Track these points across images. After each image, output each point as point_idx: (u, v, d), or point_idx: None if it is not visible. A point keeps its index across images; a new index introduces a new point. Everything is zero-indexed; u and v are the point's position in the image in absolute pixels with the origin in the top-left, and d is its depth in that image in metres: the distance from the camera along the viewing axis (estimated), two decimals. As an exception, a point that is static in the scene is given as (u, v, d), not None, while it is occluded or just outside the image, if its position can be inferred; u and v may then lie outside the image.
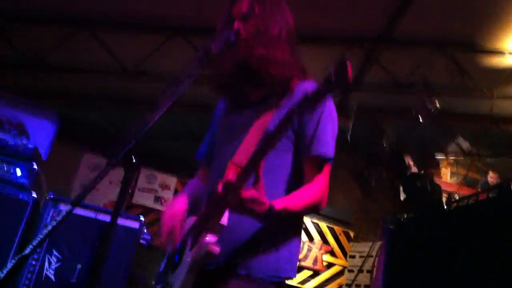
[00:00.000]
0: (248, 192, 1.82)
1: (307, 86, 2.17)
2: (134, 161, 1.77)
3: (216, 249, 1.90)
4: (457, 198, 7.41)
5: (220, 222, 1.90)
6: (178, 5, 6.11)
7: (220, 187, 1.82)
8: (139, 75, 7.09)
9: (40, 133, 5.00)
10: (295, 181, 2.16)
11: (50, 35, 6.67)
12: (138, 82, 7.34)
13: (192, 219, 2.26)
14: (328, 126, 2.18)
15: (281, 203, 1.96)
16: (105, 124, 8.73)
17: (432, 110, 6.83)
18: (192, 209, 2.38)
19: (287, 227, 2.19)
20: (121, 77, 7.18)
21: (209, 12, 2.41)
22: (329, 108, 2.20)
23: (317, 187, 2.12)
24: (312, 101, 1.70)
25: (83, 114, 8.54)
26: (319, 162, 2.15)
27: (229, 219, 1.91)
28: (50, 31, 6.62)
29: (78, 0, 6.21)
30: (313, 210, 2.13)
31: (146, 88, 7.38)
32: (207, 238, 1.92)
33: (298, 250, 2.22)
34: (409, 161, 9.02)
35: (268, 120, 2.14)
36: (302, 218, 2.38)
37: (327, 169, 2.17)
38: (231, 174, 1.92)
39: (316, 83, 2.22)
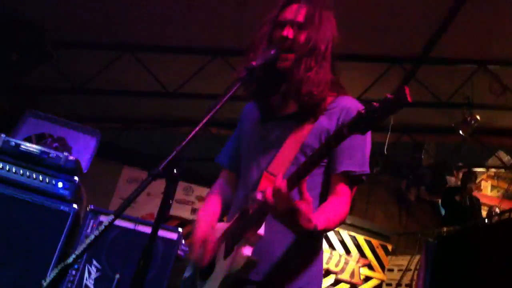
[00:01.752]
0: (302, 205, 1.78)
1: (346, 102, 2.19)
2: (175, 172, 1.75)
3: (255, 262, 1.88)
4: (498, 211, 7.28)
5: (258, 232, 1.87)
6: (218, 28, 6.20)
7: (268, 194, 1.76)
8: (180, 96, 7.22)
9: (81, 146, 5.07)
10: (326, 196, 2.15)
11: (94, 59, 6.86)
12: (179, 103, 7.50)
13: (222, 225, 2.22)
14: (368, 145, 2.18)
15: (322, 223, 1.90)
16: (144, 143, 8.86)
17: (473, 123, 6.74)
18: (222, 214, 2.37)
19: (317, 241, 2.20)
20: (163, 98, 7.34)
21: (249, 34, 2.36)
22: None
23: (346, 203, 2.11)
24: (368, 120, 1.67)
25: (125, 133, 8.69)
26: (354, 179, 2.14)
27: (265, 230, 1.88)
28: (94, 56, 6.82)
29: (120, 25, 6.39)
30: (339, 225, 2.14)
31: (186, 109, 7.49)
32: (245, 250, 1.87)
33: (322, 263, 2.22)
34: (448, 175, 8.89)
35: (305, 134, 2.14)
36: None
37: (356, 185, 2.17)
38: (268, 184, 1.92)
39: (355, 100, 2.22)
